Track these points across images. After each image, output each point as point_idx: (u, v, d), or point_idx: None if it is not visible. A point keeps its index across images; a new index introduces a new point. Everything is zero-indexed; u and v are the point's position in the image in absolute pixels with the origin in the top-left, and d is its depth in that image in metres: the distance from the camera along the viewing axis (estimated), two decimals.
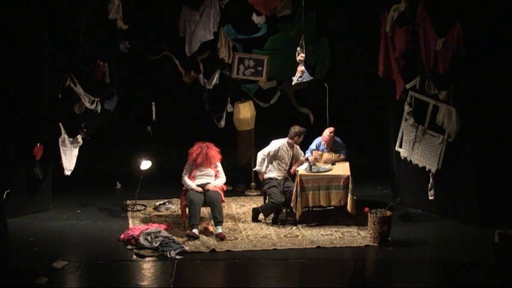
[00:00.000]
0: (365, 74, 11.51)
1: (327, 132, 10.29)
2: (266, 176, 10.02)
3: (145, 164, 10.67)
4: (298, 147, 10.17)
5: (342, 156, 10.25)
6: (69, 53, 10.08)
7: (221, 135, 11.11)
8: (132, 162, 11.06)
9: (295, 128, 9.99)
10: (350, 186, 9.66)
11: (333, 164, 10.11)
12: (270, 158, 10.01)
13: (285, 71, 10.77)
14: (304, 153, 10.33)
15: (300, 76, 9.83)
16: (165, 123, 11.88)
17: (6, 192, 9.63)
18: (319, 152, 10.37)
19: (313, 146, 10.42)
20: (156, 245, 8.96)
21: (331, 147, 10.32)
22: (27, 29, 9.64)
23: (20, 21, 9.59)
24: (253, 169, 10.19)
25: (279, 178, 9.98)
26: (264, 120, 11.37)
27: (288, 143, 10.03)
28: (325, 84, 10.96)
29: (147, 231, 9.20)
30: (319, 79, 11.02)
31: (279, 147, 9.99)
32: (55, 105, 10.10)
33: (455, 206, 9.93)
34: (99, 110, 10.53)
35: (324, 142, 10.32)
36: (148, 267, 8.63)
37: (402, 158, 10.39)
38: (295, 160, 10.13)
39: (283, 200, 9.84)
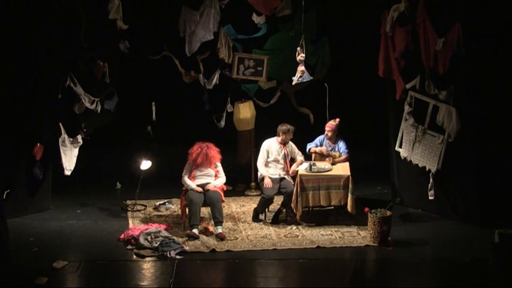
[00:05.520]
0: (365, 74, 11.51)
1: (332, 121, 10.29)
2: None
3: (145, 164, 10.68)
4: (293, 146, 10.16)
5: (344, 156, 10.24)
6: (69, 53, 10.08)
7: (221, 135, 11.12)
8: (132, 162, 11.07)
9: (282, 126, 10.00)
10: (350, 186, 9.65)
11: (333, 164, 10.11)
12: (267, 159, 10.05)
13: (285, 71, 10.76)
14: (306, 150, 10.35)
15: (300, 76, 9.83)
16: (165, 123, 11.88)
17: (6, 192, 9.63)
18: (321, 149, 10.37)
19: (313, 144, 10.39)
20: (156, 245, 8.96)
21: (334, 142, 10.30)
22: (27, 29, 9.64)
23: (20, 21, 9.59)
24: (259, 176, 10.15)
25: (273, 177, 9.97)
26: (264, 120, 11.37)
27: (277, 141, 10.04)
28: (325, 84, 10.97)
29: (147, 231, 9.20)
30: (319, 79, 11.03)
31: (269, 145, 10.04)
32: (55, 105, 10.10)
33: (455, 206, 9.93)
34: (99, 110, 10.52)
35: (328, 129, 10.26)
36: (148, 267, 8.63)
37: (402, 158, 10.39)
38: (290, 159, 10.12)
39: (274, 193, 9.85)
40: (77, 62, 10.16)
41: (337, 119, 10.33)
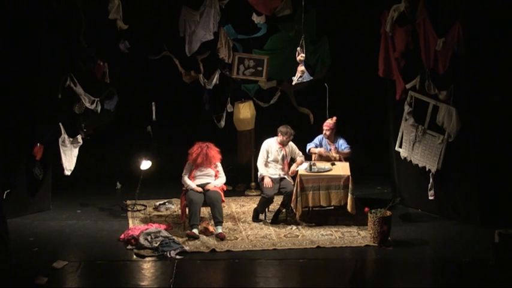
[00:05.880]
0: (365, 74, 11.51)
1: (329, 120, 10.31)
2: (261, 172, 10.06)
3: (145, 164, 10.68)
4: (294, 146, 10.16)
5: (347, 151, 10.22)
6: (69, 53, 10.08)
7: (221, 135, 11.11)
8: (132, 162, 11.07)
9: (282, 127, 9.99)
10: (350, 186, 9.65)
11: (333, 164, 10.11)
12: (266, 159, 10.06)
13: (285, 71, 10.76)
14: (306, 150, 10.36)
15: (300, 76, 9.83)
16: (165, 123, 11.88)
17: (6, 192, 9.63)
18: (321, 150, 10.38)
19: (313, 144, 10.39)
20: (156, 245, 8.96)
21: (333, 140, 10.31)
22: (27, 28, 9.64)
23: (20, 21, 9.59)
24: (259, 176, 10.15)
25: (273, 177, 9.97)
26: (264, 120, 11.37)
27: (277, 141, 10.04)
28: (325, 84, 10.97)
29: (147, 231, 9.20)
30: (319, 79, 11.03)
31: (269, 145, 10.04)
32: (55, 105, 10.10)
33: (455, 206, 9.93)
34: (99, 110, 10.52)
35: (326, 128, 10.27)
36: (148, 267, 8.63)
37: (402, 158, 10.39)
38: (290, 159, 10.12)
39: (274, 193, 9.86)
40: (77, 62, 10.16)
41: (334, 117, 10.35)
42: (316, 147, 10.37)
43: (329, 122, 10.32)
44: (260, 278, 8.46)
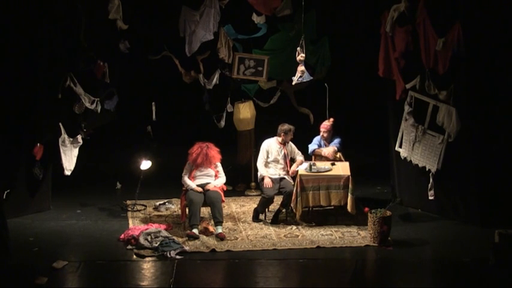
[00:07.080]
0: (365, 74, 11.51)
1: (326, 121, 10.33)
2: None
3: (145, 164, 10.68)
4: (293, 146, 10.16)
5: (331, 147, 10.22)
6: (69, 53, 10.08)
7: (221, 135, 11.12)
8: (132, 162, 11.07)
9: (283, 126, 10.00)
10: (350, 186, 9.65)
11: (333, 164, 10.11)
12: (266, 159, 10.05)
13: (285, 71, 10.77)
14: (309, 152, 10.36)
15: (300, 76, 9.84)
16: (165, 123, 11.88)
17: (6, 192, 9.63)
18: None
19: (316, 145, 10.40)
20: (156, 245, 8.96)
21: (329, 142, 10.32)
22: (27, 29, 9.64)
23: (20, 21, 9.59)
24: (259, 176, 10.15)
25: (273, 177, 9.97)
26: (264, 120, 11.38)
27: (277, 141, 10.04)
28: (325, 84, 10.97)
29: (147, 231, 9.20)
30: (319, 79, 11.03)
31: (269, 145, 10.04)
32: (55, 105, 10.10)
33: (455, 206, 9.93)
34: (99, 110, 10.53)
35: (323, 130, 10.29)
36: (148, 267, 8.64)
37: (402, 158, 10.39)
38: (290, 159, 10.12)
39: (274, 193, 9.86)
40: (77, 62, 10.16)
41: (331, 119, 10.35)
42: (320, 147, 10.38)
43: (326, 124, 10.33)
44: (260, 278, 8.46)
